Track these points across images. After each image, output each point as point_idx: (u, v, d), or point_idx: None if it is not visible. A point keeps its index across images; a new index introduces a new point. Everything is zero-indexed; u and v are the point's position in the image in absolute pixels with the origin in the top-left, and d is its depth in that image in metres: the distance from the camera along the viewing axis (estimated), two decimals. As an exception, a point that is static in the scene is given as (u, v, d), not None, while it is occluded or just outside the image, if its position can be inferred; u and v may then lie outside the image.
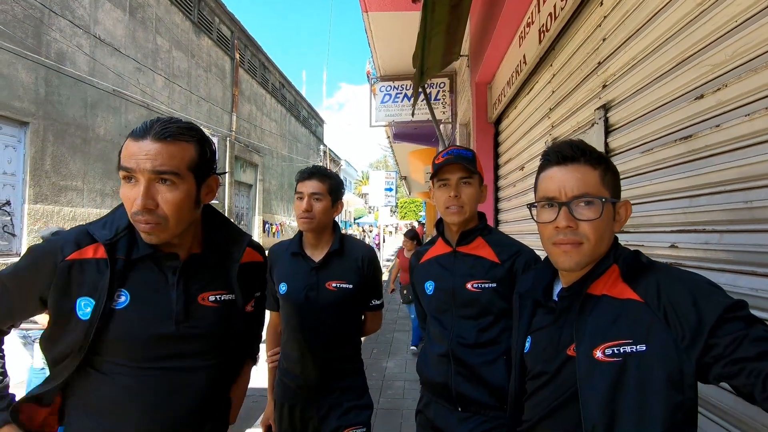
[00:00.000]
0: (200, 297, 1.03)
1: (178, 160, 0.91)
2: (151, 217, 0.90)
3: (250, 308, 1.18)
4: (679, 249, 1.25)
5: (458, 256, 1.48)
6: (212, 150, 1.02)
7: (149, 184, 0.89)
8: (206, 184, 1.01)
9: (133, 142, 0.90)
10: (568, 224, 0.86)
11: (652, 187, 1.37)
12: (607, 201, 0.85)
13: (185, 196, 0.93)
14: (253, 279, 1.19)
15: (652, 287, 0.78)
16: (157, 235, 0.92)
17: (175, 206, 0.91)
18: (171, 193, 0.91)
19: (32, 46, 7.69)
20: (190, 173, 0.94)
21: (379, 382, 4.41)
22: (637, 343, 0.76)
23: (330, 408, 1.67)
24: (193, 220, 1.00)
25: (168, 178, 0.90)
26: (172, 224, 0.93)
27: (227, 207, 14.66)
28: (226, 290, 1.07)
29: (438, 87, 5.95)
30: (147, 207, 0.89)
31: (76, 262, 0.93)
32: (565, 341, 0.87)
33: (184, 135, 0.93)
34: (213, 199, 1.05)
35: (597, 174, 0.87)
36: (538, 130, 2.66)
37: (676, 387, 0.72)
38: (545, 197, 0.91)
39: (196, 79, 13.25)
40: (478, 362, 1.39)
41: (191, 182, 0.94)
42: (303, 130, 25.39)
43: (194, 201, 0.97)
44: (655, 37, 1.35)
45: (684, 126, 1.21)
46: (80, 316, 0.92)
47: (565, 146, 0.90)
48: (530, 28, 2.64)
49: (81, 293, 0.92)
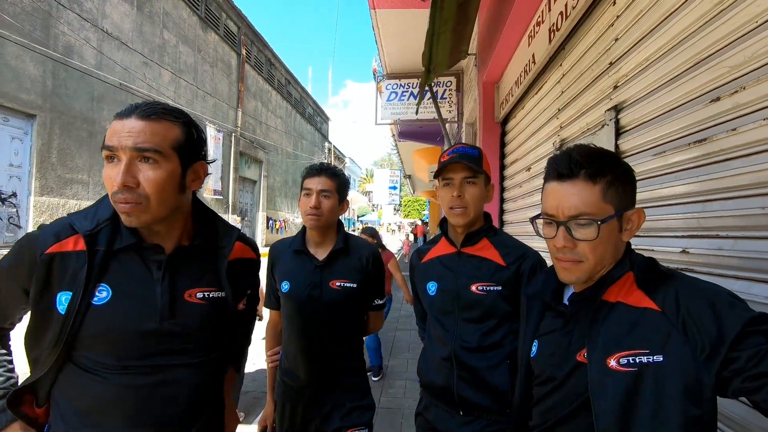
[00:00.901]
0: (187, 293, 0.98)
1: (161, 138, 0.89)
2: (131, 195, 0.86)
3: (242, 306, 1.14)
4: (691, 254, 1.22)
5: (463, 257, 1.46)
6: (201, 135, 0.99)
7: (130, 162, 0.87)
8: (193, 170, 0.97)
9: (117, 121, 0.88)
10: (565, 244, 0.84)
11: (664, 191, 1.35)
12: (605, 221, 0.81)
13: (168, 176, 0.90)
14: (245, 276, 1.14)
15: (670, 296, 0.76)
16: (137, 216, 0.88)
17: (157, 185, 0.88)
18: (153, 171, 0.88)
19: (40, 39, 7.72)
20: (174, 153, 0.91)
21: (380, 382, 4.39)
22: (654, 353, 0.74)
23: (332, 408, 1.65)
24: (177, 205, 0.95)
25: (150, 156, 0.87)
26: (154, 205, 0.89)
27: (231, 202, 14.69)
28: (215, 287, 1.03)
29: (445, 86, 5.91)
30: (126, 184, 0.86)
31: (56, 255, 0.90)
32: (575, 347, 0.85)
33: (169, 115, 0.92)
34: (200, 187, 1.01)
35: (597, 190, 0.82)
36: (546, 130, 2.63)
37: (693, 400, 0.70)
38: (545, 213, 0.88)
39: (203, 74, 13.26)
40: (482, 366, 1.36)
41: (175, 163, 0.91)
42: (308, 127, 25.39)
43: (178, 184, 0.93)
44: (671, 37, 1.32)
45: (699, 129, 1.19)
46: (60, 311, 0.89)
47: (563, 161, 0.85)
48: (540, 27, 2.61)
49: (61, 287, 0.90)
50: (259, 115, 17.55)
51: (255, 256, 1.20)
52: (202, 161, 1.00)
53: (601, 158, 0.84)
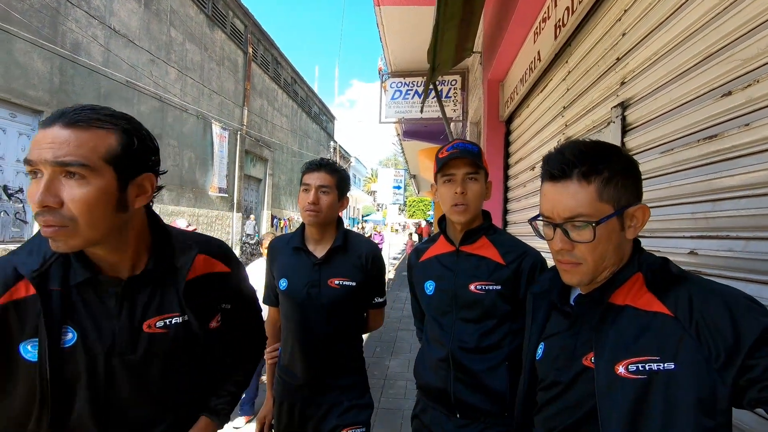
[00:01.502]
0: (145, 324, 0.89)
1: (89, 149, 0.75)
2: (53, 217, 0.74)
3: (215, 324, 1.02)
4: (699, 256, 1.17)
5: (461, 255, 1.42)
6: (146, 142, 0.86)
7: (52, 178, 0.74)
8: (136, 184, 0.84)
9: (41, 129, 0.76)
10: (562, 246, 0.80)
11: (671, 190, 1.30)
12: (600, 222, 0.77)
13: (99, 194, 0.77)
14: (212, 292, 1.02)
15: (683, 300, 0.72)
16: (64, 241, 0.76)
17: (85, 205, 0.75)
18: (79, 188, 0.75)
19: (48, 36, 7.76)
20: (107, 166, 0.78)
21: (380, 382, 4.36)
22: (665, 360, 0.69)
23: (330, 406, 1.63)
24: (116, 226, 0.83)
25: (76, 171, 0.74)
26: (83, 228, 0.76)
27: (236, 200, 14.73)
28: (177, 312, 0.93)
29: (450, 84, 5.87)
30: (46, 204, 0.73)
31: (8, 305, 0.80)
32: (581, 350, 0.81)
33: (100, 119, 0.78)
34: (146, 201, 0.88)
35: (592, 189, 0.78)
36: (550, 129, 2.59)
37: (707, 411, 0.66)
38: (542, 214, 0.85)
39: (209, 72, 13.30)
40: (480, 368, 1.33)
41: (109, 177, 0.78)
42: (314, 126, 25.42)
43: (115, 201, 0.80)
44: (680, 30, 1.27)
45: (709, 125, 1.14)
46: (28, 358, 0.80)
47: (555, 161, 0.81)
48: (546, 23, 2.56)
49: (23, 337, 0.80)
50: (264, 113, 17.58)
51: (226, 268, 1.06)
52: (148, 173, 0.86)
53: (596, 154, 0.79)
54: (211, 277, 1.02)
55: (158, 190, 0.91)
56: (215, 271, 1.03)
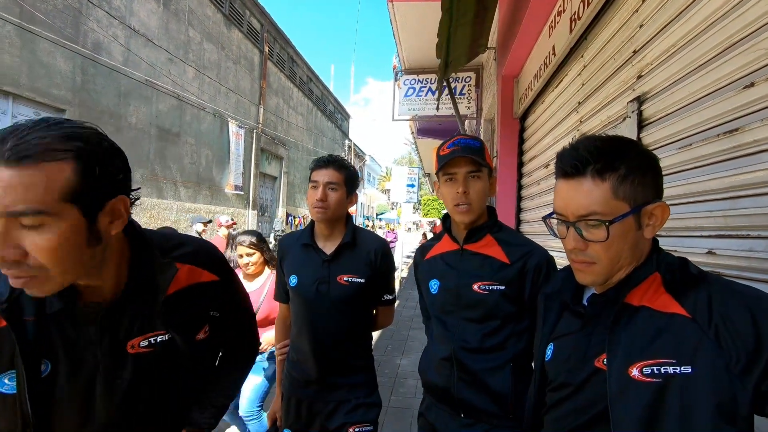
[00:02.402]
0: (129, 345, 0.84)
1: (42, 191, 0.63)
2: (20, 270, 0.66)
3: (203, 335, 0.97)
4: (717, 256, 1.12)
5: (465, 254, 1.39)
6: (109, 165, 0.73)
7: (7, 228, 0.64)
8: (106, 211, 0.73)
9: None
10: (575, 245, 0.78)
11: (689, 187, 1.25)
12: (615, 221, 0.73)
13: (64, 238, 0.67)
14: (200, 302, 0.96)
15: (702, 301, 0.68)
16: (38, 288, 0.69)
17: (51, 253, 0.66)
18: (41, 236, 0.65)
19: (70, 36, 7.96)
20: (68, 205, 0.66)
21: (391, 380, 4.35)
22: (682, 363, 0.66)
23: (338, 404, 1.63)
24: (94, 260, 0.75)
25: (31, 221, 0.64)
26: (56, 274, 0.69)
27: (251, 198, 14.91)
28: (161, 330, 0.87)
29: (463, 81, 5.80)
30: (9, 259, 0.65)
31: None
32: (593, 351, 0.78)
33: (51, 152, 0.64)
34: (123, 226, 0.79)
35: (607, 186, 0.74)
36: (565, 125, 2.53)
37: (726, 418, 0.62)
38: (556, 212, 0.82)
39: (226, 70, 13.46)
40: (482, 368, 1.31)
41: (73, 216, 0.67)
42: (329, 124, 25.53)
43: (85, 239, 0.71)
44: (700, 20, 1.22)
45: (729, 119, 1.09)
46: (5, 391, 0.75)
47: (568, 158, 0.78)
48: (561, 17, 2.50)
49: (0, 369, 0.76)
50: (280, 111, 17.72)
51: (214, 276, 0.99)
52: (120, 195, 0.75)
53: (612, 150, 0.76)
54: (196, 288, 0.95)
55: (134, 202, 0.81)
56: (201, 281, 0.96)
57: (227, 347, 1.16)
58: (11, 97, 7.14)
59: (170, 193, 10.69)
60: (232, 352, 1.18)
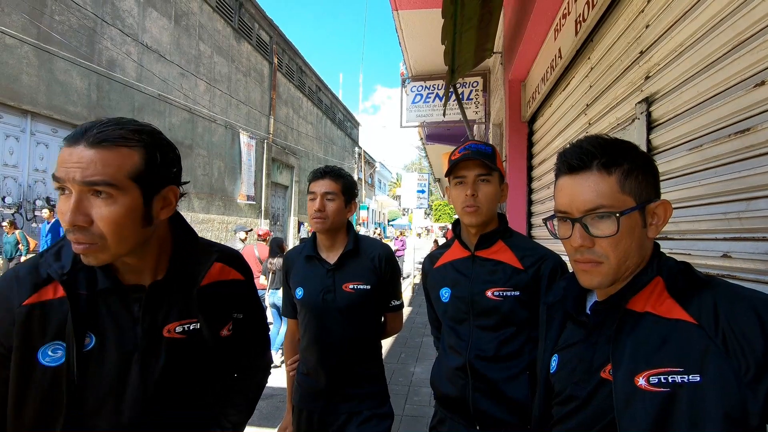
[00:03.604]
0: (166, 329, 0.91)
1: (115, 169, 0.77)
2: (83, 235, 0.77)
3: (226, 332, 1.02)
4: (733, 259, 1.09)
5: (477, 260, 1.38)
6: (168, 156, 0.87)
7: (80, 197, 0.77)
8: (160, 197, 0.87)
9: (66, 147, 0.78)
10: (582, 243, 0.75)
11: (701, 189, 1.21)
12: (624, 213, 0.72)
13: (126, 212, 0.79)
14: (224, 299, 1.03)
15: (707, 307, 0.66)
16: (94, 256, 0.79)
17: (113, 223, 0.78)
18: (107, 207, 0.77)
19: (86, 54, 8.20)
20: (132, 184, 0.80)
21: (405, 388, 4.31)
22: (690, 372, 0.64)
23: (350, 415, 1.62)
24: (143, 239, 0.86)
25: (103, 191, 0.77)
26: (112, 244, 0.79)
27: (263, 207, 15.05)
28: (194, 318, 0.94)
29: (471, 86, 5.79)
30: (77, 224, 0.76)
31: (35, 305, 0.82)
32: (598, 362, 0.76)
33: (125, 139, 0.80)
34: (171, 213, 0.91)
35: (614, 180, 0.74)
36: (574, 128, 2.50)
37: (736, 428, 0.60)
38: (558, 211, 0.80)
39: (236, 83, 13.69)
40: (500, 377, 1.28)
41: (135, 195, 0.80)
42: (338, 132, 25.71)
43: (141, 217, 0.83)
44: (708, 18, 1.19)
45: (740, 118, 1.06)
46: (47, 363, 0.81)
47: (573, 152, 0.78)
48: (566, 19, 2.48)
49: (45, 340, 0.81)
50: (290, 121, 17.92)
51: (241, 276, 1.08)
52: (171, 185, 0.89)
53: (615, 147, 0.76)
54: (225, 284, 1.03)
55: (182, 196, 0.94)
56: (230, 279, 1.05)
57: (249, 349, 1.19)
58: (29, 115, 7.36)
59: (184, 204, 10.87)
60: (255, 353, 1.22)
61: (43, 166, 7.70)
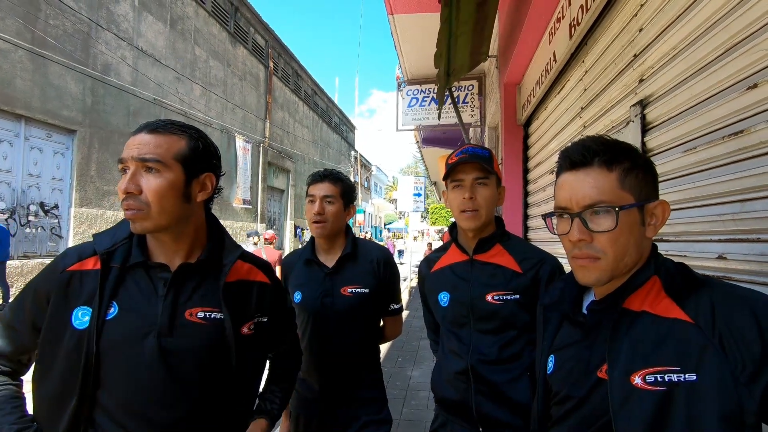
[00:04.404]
0: (188, 312, 0.97)
1: (164, 150, 0.93)
2: (134, 202, 0.91)
3: (247, 330, 1.06)
4: (728, 261, 1.09)
5: (476, 264, 1.38)
6: (209, 148, 1.03)
7: (135, 171, 0.92)
8: (199, 181, 1.00)
9: (131, 137, 0.95)
10: (580, 237, 0.76)
11: (696, 191, 1.22)
12: (623, 209, 0.73)
13: (169, 185, 0.93)
14: (250, 299, 1.09)
15: (705, 306, 0.67)
16: (140, 222, 0.93)
17: (157, 193, 0.92)
18: (155, 179, 0.92)
19: (80, 59, 8.16)
20: (176, 163, 0.95)
21: (403, 392, 4.30)
22: (686, 371, 0.64)
23: (347, 421, 1.61)
24: (181, 215, 0.97)
25: (152, 166, 0.92)
26: (155, 212, 0.92)
27: (260, 211, 15.00)
28: (217, 307, 1.00)
29: (466, 90, 5.82)
30: (129, 191, 0.91)
31: (75, 273, 0.95)
32: (595, 361, 0.76)
33: (175, 128, 0.97)
34: (207, 196, 1.03)
35: (614, 176, 0.75)
36: (569, 131, 2.51)
37: (733, 427, 0.60)
38: (558, 207, 0.81)
39: (232, 87, 13.68)
40: (501, 380, 1.28)
41: (178, 173, 0.95)
42: (334, 136, 25.72)
43: (181, 193, 0.96)
44: (700, 22, 1.20)
45: (734, 120, 1.07)
46: (76, 326, 0.91)
47: (575, 149, 0.80)
48: (560, 23, 2.50)
49: (78, 303, 0.93)
50: (286, 125, 17.91)
51: (268, 280, 1.15)
52: (209, 173, 1.03)
53: (617, 146, 0.78)
54: (251, 285, 1.10)
55: (219, 191, 1.07)
56: (257, 280, 1.12)
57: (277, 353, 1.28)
58: (23, 120, 7.31)
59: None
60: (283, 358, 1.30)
61: (37, 171, 7.64)
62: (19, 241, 7.36)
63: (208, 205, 1.08)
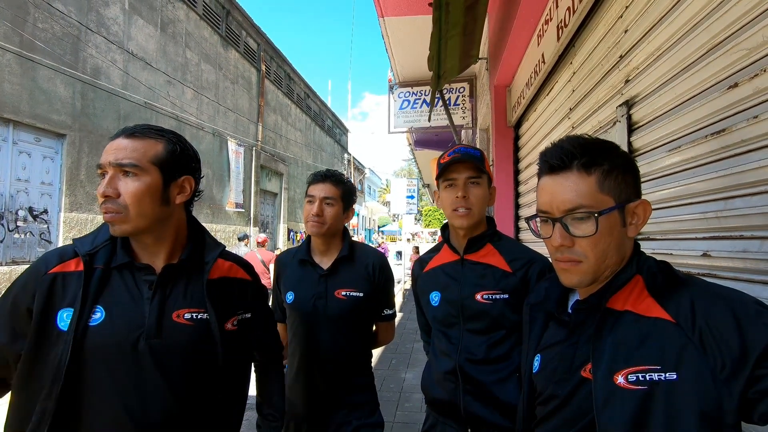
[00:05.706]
0: (175, 314, 0.99)
1: (141, 154, 0.95)
2: (111, 205, 0.92)
3: (231, 326, 1.09)
4: (713, 258, 1.10)
5: (466, 264, 1.38)
6: (187, 152, 1.05)
7: (113, 175, 0.94)
8: (177, 183, 1.02)
9: (110, 141, 0.97)
10: (562, 243, 0.76)
11: (681, 189, 1.23)
12: (603, 213, 0.73)
13: (146, 188, 0.95)
14: (232, 296, 1.11)
15: (685, 305, 0.67)
16: (119, 225, 0.94)
17: (134, 196, 0.93)
18: (132, 183, 0.93)
19: (70, 62, 8.08)
20: (153, 167, 0.96)
21: (396, 395, 4.28)
22: (667, 370, 0.65)
23: (338, 426, 1.59)
24: (159, 217, 0.98)
25: (130, 170, 0.93)
26: (133, 215, 0.94)
27: (253, 215, 14.92)
28: (202, 308, 1.02)
29: (457, 92, 5.84)
30: (107, 194, 0.92)
31: (58, 275, 0.95)
32: (579, 361, 0.77)
33: (152, 132, 0.99)
34: (186, 199, 1.04)
35: (593, 180, 0.75)
36: (558, 132, 2.53)
37: (712, 425, 0.61)
38: (540, 210, 0.81)
39: (224, 90, 13.62)
40: (489, 380, 1.28)
41: (155, 176, 0.96)
42: (327, 139, 25.69)
43: (159, 195, 0.97)
44: (683, 23, 1.22)
45: (716, 119, 1.08)
46: (61, 327, 0.91)
47: (553, 152, 0.79)
48: (548, 25, 2.52)
49: (62, 305, 0.93)
50: (279, 128, 17.86)
51: (248, 277, 1.18)
52: (188, 176, 1.04)
53: (596, 147, 0.77)
54: (233, 281, 1.13)
55: (199, 193, 1.09)
56: (238, 277, 1.15)
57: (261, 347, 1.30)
58: (11, 124, 7.21)
59: (171, 213, 10.72)
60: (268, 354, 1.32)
61: (25, 176, 7.53)
62: (7, 247, 7.25)
63: (188, 207, 1.10)
